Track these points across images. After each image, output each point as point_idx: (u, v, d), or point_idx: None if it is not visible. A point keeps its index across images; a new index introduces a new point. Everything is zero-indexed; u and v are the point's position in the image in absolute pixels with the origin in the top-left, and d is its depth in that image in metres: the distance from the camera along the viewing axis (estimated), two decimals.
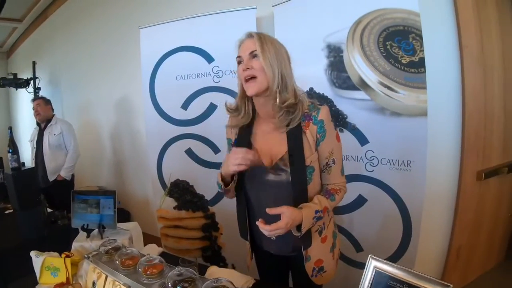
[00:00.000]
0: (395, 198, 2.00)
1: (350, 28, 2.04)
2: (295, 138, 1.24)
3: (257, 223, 1.17)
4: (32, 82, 4.94)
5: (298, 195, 1.25)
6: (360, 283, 1.03)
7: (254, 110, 1.35)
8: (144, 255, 1.33)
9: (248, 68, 1.21)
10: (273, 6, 2.36)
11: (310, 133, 1.24)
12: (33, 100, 3.70)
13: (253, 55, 1.21)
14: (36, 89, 4.90)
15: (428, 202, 2.08)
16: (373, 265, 1.03)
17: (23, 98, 5.46)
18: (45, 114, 3.61)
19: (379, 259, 1.02)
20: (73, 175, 3.70)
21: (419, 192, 1.94)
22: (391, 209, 2.01)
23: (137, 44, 2.85)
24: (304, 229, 1.20)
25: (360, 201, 2.12)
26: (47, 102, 3.67)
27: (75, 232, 1.99)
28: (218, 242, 2.77)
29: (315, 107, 1.26)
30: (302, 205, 1.21)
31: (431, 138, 1.96)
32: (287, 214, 1.14)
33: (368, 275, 1.03)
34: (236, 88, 2.42)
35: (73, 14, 4.42)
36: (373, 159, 2.04)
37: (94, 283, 1.38)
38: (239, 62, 1.27)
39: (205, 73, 2.60)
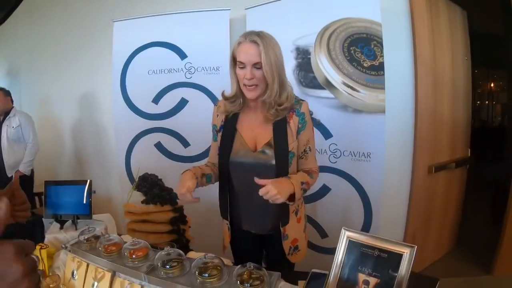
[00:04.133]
0: (357, 186, 2.22)
1: (318, 33, 2.25)
2: (280, 127, 1.38)
3: (256, 179, 1.24)
4: None
5: (280, 176, 1.37)
6: (335, 253, 1.16)
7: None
8: (126, 241, 1.36)
9: (253, 77, 1.30)
10: (246, 9, 2.52)
11: (293, 123, 1.39)
12: None
13: (256, 67, 1.29)
14: None
15: (386, 190, 2.33)
16: (347, 235, 1.18)
17: None
18: (4, 106, 3.45)
19: (352, 230, 1.17)
20: (32, 171, 3.57)
21: (378, 181, 2.18)
22: (353, 197, 2.23)
23: (107, 37, 2.85)
24: (297, 197, 1.30)
25: (324, 190, 2.31)
26: (7, 93, 3.51)
27: (41, 227, 1.95)
28: (186, 235, 2.82)
29: (298, 102, 1.42)
30: (290, 176, 1.34)
31: (388, 133, 2.21)
32: (271, 187, 1.21)
33: (342, 245, 1.17)
34: (207, 84, 2.56)
35: (37, 1, 4.25)
36: (336, 151, 2.26)
37: (73, 273, 1.38)
38: (241, 67, 1.33)
39: (177, 69, 2.68)
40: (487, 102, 7.91)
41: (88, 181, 1.83)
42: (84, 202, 1.80)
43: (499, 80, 7.49)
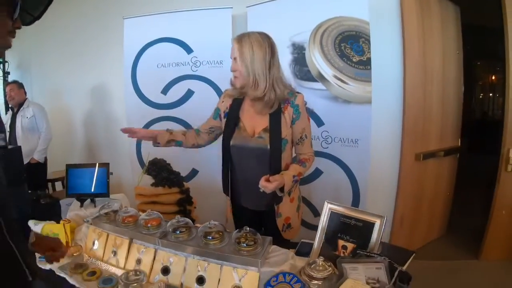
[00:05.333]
0: (346, 169, 2.48)
1: (312, 31, 2.48)
2: (275, 116, 1.59)
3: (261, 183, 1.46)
4: (1, 66, 4.88)
5: (273, 159, 1.59)
6: (319, 222, 1.40)
7: None
8: (142, 214, 1.58)
9: (234, 70, 1.57)
10: (247, 7, 2.74)
11: (287, 114, 1.60)
12: (7, 84, 3.78)
13: (236, 60, 1.55)
14: (5, 73, 4.86)
15: (375, 174, 2.57)
16: (329, 207, 1.42)
17: None
18: (18, 98, 3.70)
19: (333, 202, 1.40)
20: (46, 158, 3.81)
21: (365, 164, 2.43)
22: (343, 179, 2.48)
23: (118, 32, 3.09)
24: (286, 190, 1.55)
25: (317, 173, 2.57)
26: (20, 86, 3.75)
27: (58, 209, 2.16)
28: (192, 215, 3.07)
29: (294, 94, 1.62)
30: (283, 173, 1.56)
31: (375, 121, 2.43)
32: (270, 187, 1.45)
33: (325, 216, 1.40)
34: (211, 77, 2.85)
35: None
36: (328, 138, 2.50)
37: (94, 242, 1.58)
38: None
39: (184, 63, 2.92)
40: (491, 94, 7.97)
41: (97, 164, 2.08)
42: (102, 182, 2.02)
43: (501, 73, 7.54)
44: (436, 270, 2.76)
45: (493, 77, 7.77)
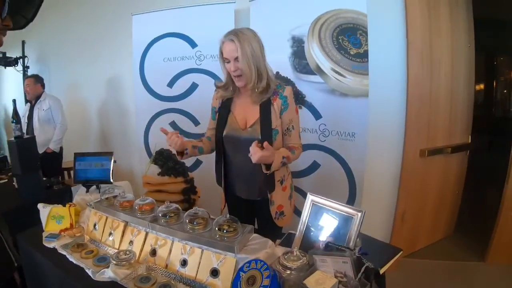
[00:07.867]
0: (343, 163, 2.49)
1: (310, 24, 2.49)
2: (265, 108, 1.65)
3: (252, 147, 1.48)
4: (20, 60, 5.07)
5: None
6: (302, 212, 1.44)
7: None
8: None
9: (236, 69, 1.58)
10: (249, 1, 2.78)
11: (276, 105, 1.65)
12: (26, 78, 3.99)
13: (237, 60, 1.55)
14: (25, 68, 5.06)
15: (371, 167, 2.55)
16: (311, 199, 1.45)
17: (11, 76, 5.60)
18: (34, 92, 3.89)
19: (315, 194, 1.44)
20: (61, 148, 3.99)
21: (361, 158, 2.43)
22: (340, 172, 2.50)
23: (127, 28, 3.20)
24: (273, 168, 1.55)
25: (314, 166, 2.60)
26: (37, 80, 3.92)
27: (69, 195, 2.32)
28: (196, 204, 3.15)
29: (282, 86, 1.68)
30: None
31: (373, 115, 2.45)
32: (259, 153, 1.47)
33: (307, 207, 1.44)
34: (215, 70, 2.88)
35: None
36: (325, 131, 2.52)
37: (95, 225, 1.70)
38: (227, 61, 1.59)
39: (189, 57, 3.01)
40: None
41: (102, 153, 2.22)
42: (106, 170, 2.17)
43: None
44: (439, 270, 2.75)
45: None
